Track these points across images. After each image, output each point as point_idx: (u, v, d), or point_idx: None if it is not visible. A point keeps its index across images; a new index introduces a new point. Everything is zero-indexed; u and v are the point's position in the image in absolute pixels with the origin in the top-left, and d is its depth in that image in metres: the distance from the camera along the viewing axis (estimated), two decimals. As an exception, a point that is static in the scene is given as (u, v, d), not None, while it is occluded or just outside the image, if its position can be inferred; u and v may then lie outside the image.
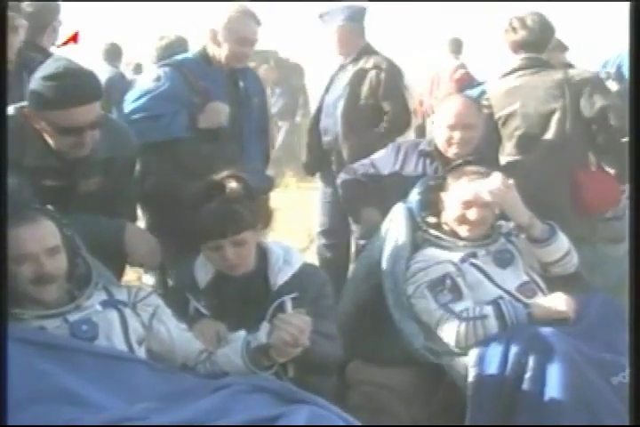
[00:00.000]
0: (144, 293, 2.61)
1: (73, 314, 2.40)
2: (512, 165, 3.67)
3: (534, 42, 3.82)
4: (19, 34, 3.35)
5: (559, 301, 2.95)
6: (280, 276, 2.75)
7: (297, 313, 2.53)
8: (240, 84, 3.67)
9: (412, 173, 3.53)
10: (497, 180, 3.07)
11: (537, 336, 2.76)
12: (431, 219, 3.24)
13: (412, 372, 3.07)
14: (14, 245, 2.31)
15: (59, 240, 2.42)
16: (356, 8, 4.67)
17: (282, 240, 3.09)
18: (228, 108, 3.52)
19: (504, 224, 3.24)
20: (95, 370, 2.26)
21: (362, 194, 3.69)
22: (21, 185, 2.63)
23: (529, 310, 2.91)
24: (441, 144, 3.49)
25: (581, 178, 3.73)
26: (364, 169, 3.69)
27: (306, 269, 2.83)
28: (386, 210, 3.37)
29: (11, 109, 2.76)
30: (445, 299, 2.96)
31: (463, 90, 5.71)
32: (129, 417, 2.10)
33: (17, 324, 2.32)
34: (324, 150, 4.67)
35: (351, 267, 4.36)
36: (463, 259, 3.10)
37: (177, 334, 2.56)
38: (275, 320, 2.47)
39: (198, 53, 3.62)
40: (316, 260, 4.69)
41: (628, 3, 2.35)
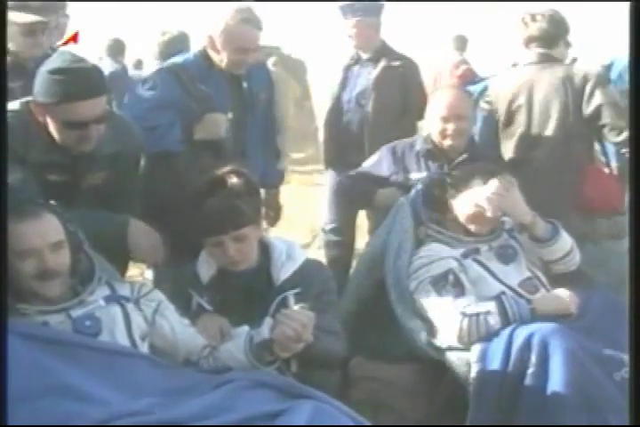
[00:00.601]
0: (147, 288, 2.61)
1: (76, 309, 2.40)
2: (516, 163, 3.67)
3: (547, 37, 3.81)
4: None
5: (562, 296, 2.94)
6: (283, 271, 2.75)
7: (300, 308, 2.52)
8: (244, 85, 3.53)
9: (417, 175, 3.53)
10: (493, 186, 3.06)
11: (539, 332, 2.75)
12: (434, 214, 3.24)
13: (415, 368, 3.07)
14: (17, 240, 2.31)
15: (62, 235, 2.42)
16: (375, 3, 4.67)
17: (284, 236, 3.09)
18: (230, 114, 3.41)
19: (507, 220, 3.24)
20: (98, 365, 2.26)
21: (362, 193, 3.69)
22: (26, 180, 2.63)
23: (531, 306, 2.90)
24: (435, 136, 3.51)
25: (585, 174, 3.73)
26: (363, 176, 3.68)
27: (309, 264, 2.83)
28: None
29: (16, 104, 2.76)
30: (448, 294, 2.97)
31: (466, 86, 5.71)
32: (133, 412, 2.11)
33: (20, 319, 2.32)
34: (345, 146, 4.66)
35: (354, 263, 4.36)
36: (466, 254, 3.10)
37: (180, 330, 2.55)
38: (278, 316, 2.47)
39: (199, 54, 3.49)
40: (319, 255, 4.67)
41: (628, 3, 2.35)
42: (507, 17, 3.91)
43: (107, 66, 6.84)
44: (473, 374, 2.80)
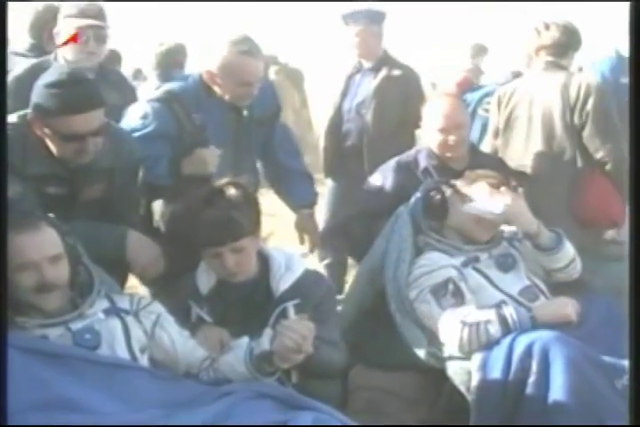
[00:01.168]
0: (146, 300, 2.61)
1: (75, 322, 2.40)
2: (518, 172, 3.66)
3: (559, 46, 3.80)
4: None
5: (562, 304, 2.94)
6: (282, 282, 2.75)
7: (300, 319, 2.52)
8: (244, 113, 3.33)
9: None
10: (499, 195, 3.06)
11: (540, 340, 2.75)
12: (433, 223, 3.24)
13: (415, 377, 3.07)
14: (16, 253, 2.30)
15: (61, 248, 2.41)
16: (378, 12, 4.68)
17: (283, 246, 3.09)
18: (219, 151, 3.17)
19: (506, 228, 3.24)
20: (98, 378, 2.26)
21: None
22: (24, 193, 2.64)
23: (532, 314, 2.89)
24: (436, 149, 3.49)
25: (585, 182, 3.71)
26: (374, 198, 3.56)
27: (308, 275, 2.83)
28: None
29: (14, 117, 2.77)
30: (448, 303, 2.96)
31: (464, 94, 5.73)
32: (136, 423, 2.10)
33: (19, 333, 2.31)
34: (344, 154, 4.67)
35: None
36: (465, 263, 3.10)
37: (179, 342, 2.55)
38: (277, 327, 2.47)
39: (199, 79, 3.25)
40: (319, 266, 4.67)
41: (628, 3, 2.36)
42: (517, 25, 3.91)
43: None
44: (474, 382, 2.80)
